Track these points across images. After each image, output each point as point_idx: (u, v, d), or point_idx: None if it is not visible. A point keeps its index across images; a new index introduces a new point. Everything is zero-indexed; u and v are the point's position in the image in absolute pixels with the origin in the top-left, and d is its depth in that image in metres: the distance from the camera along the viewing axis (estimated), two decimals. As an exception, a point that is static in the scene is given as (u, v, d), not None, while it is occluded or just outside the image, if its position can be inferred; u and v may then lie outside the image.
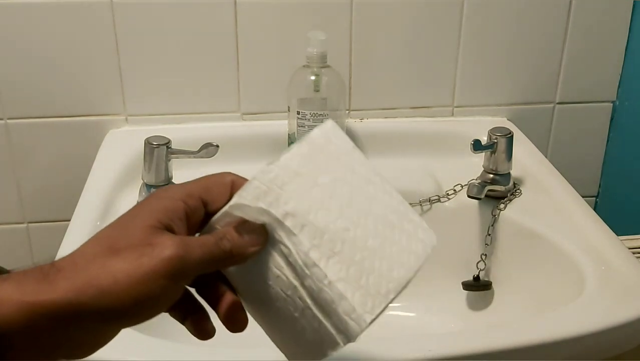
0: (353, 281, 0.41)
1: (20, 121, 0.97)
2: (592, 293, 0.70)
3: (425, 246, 0.46)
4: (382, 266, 0.42)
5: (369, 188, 0.45)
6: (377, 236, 0.43)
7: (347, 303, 0.40)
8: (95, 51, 0.95)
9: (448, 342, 0.65)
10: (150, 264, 0.37)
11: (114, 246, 0.38)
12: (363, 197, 0.44)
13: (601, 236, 0.79)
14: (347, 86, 1.01)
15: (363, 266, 0.42)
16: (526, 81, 1.05)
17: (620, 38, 1.04)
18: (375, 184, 0.46)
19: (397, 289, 0.43)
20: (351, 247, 0.41)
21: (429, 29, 0.99)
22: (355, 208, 0.43)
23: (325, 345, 0.42)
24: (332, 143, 0.45)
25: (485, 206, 0.88)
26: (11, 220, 1.03)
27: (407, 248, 0.45)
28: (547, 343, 0.64)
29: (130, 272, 0.37)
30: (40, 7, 0.92)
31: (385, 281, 0.42)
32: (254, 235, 0.41)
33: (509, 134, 0.88)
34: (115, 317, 0.37)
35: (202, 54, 0.97)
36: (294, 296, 0.41)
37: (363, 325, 0.41)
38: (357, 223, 0.42)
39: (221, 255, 0.40)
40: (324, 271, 0.40)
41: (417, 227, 0.47)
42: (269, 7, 0.95)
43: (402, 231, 0.45)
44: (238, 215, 0.41)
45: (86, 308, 0.36)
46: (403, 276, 0.44)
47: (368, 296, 0.41)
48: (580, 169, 1.11)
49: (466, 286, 0.87)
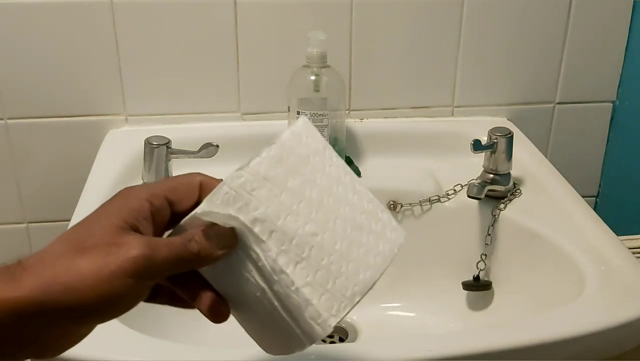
0: (319, 285, 0.42)
1: (20, 121, 0.97)
2: (592, 293, 0.70)
3: (393, 246, 0.47)
4: (348, 269, 0.43)
5: (338, 189, 0.46)
6: (344, 239, 0.44)
7: (313, 308, 0.42)
8: (95, 51, 0.95)
9: (448, 342, 0.65)
10: (117, 263, 0.37)
11: (80, 245, 0.38)
12: (332, 199, 0.45)
13: (601, 236, 0.79)
14: (347, 86, 1.00)
15: (330, 270, 0.43)
16: (526, 80, 1.05)
17: (620, 38, 1.04)
18: (345, 184, 0.47)
19: (363, 292, 0.44)
20: (319, 252, 0.42)
21: (429, 28, 0.99)
22: (323, 211, 0.44)
23: (293, 344, 0.43)
24: (302, 144, 0.45)
25: (485, 206, 0.88)
26: (11, 220, 1.03)
27: (374, 250, 0.46)
28: (547, 343, 0.64)
29: (96, 270, 0.37)
30: (40, 7, 0.92)
31: (351, 285, 0.43)
32: (222, 238, 0.41)
33: (509, 134, 0.88)
34: (81, 315, 0.38)
35: (202, 54, 0.97)
36: (263, 298, 0.42)
37: (328, 329, 0.42)
38: (325, 227, 0.43)
39: (189, 256, 0.40)
40: (291, 278, 0.41)
41: (385, 226, 0.47)
42: (269, 7, 0.95)
43: (370, 232, 0.46)
44: (207, 220, 0.41)
45: (52, 305, 0.36)
46: (369, 278, 0.45)
47: (334, 300, 0.42)
48: (580, 169, 1.11)
49: (466, 286, 0.87)
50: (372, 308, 0.89)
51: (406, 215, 0.91)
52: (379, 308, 0.90)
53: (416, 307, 0.90)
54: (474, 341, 0.64)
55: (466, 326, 0.86)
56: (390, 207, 0.91)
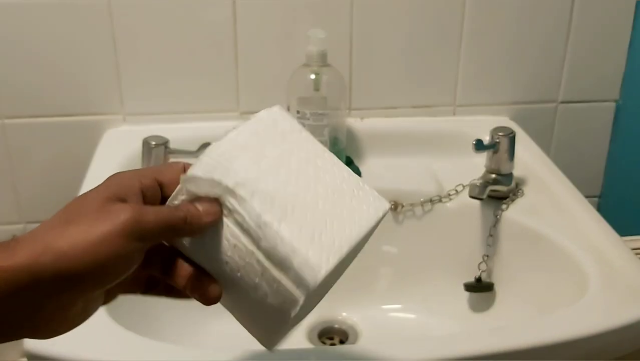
0: (306, 238, 0.42)
1: (17, 120, 0.96)
2: (595, 294, 0.70)
3: (377, 210, 0.48)
4: (333, 225, 0.44)
5: (317, 161, 0.47)
6: (327, 200, 0.45)
7: (300, 256, 0.42)
8: (93, 50, 0.95)
9: (449, 344, 0.65)
10: (106, 225, 0.38)
11: (71, 218, 0.39)
12: (312, 169, 0.46)
13: (604, 237, 0.79)
14: (348, 85, 1.00)
15: (315, 226, 0.43)
16: (528, 80, 1.04)
17: (623, 37, 1.03)
18: (325, 159, 0.48)
19: (351, 243, 0.44)
20: (302, 210, 0.43)
21: (430, 27, 0.99)
22: (304, 177, 0.45)
23: (287, 304, 0.43)
24: (279, 123, 0.47)
25: (487, 206, 0.87)
26: (8, 220, 1.03)
27: (358, 209, 0.47)
28: (550, 344, 0.64)
29: (88, 235, 0.38)
30: (37, 7, 0.91)
31: (337, 238, 0.44)
32: (207, 206, 0.42)
33: (511, 133, 0.87)
34: (75, 282, 0.38)
35: (201, 53, 0.96)
36: (252, 262, 0.42)
37: (319, 275, 0.42)
38: (307, 188, 0.45)
39: (176, 221, 0.41)
40: (275, 229, 0.42)
41: (368, 194, 0.49)
42: (269, 5, 0.95)
43: (352, 196, 0.47)
44: (192, 190, 0.42)
45: (46, 272, 0.37)
46: (356, 232, 0.45)
47: (322, 250, 0.42)
48: (583, 169, 1.10)
49: (468, 287, 0.87)
50: (372, 310, 0.89)
51: (407, 215, 0.91)
52: (380, 310, 0.90)
53: (417, 309, 0.89)
54: (475, 343, 0.64)
55: (468, 328, 0.86)
56: (391, 207, 0.90)
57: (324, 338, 0.87)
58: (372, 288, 0.91)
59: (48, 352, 0.61)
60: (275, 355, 0.62)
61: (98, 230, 0.38)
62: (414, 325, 0.88)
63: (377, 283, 0.91)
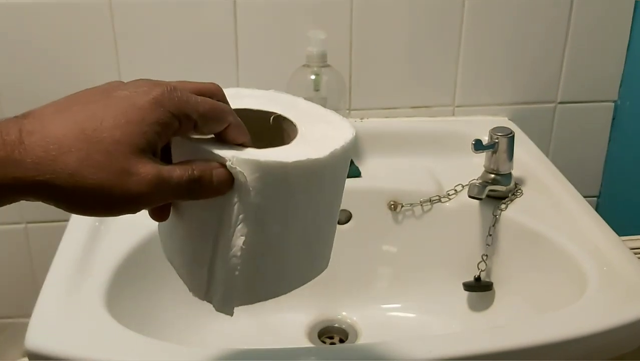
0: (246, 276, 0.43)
1: (18, 120, 0.96)
2: (593, 294, 0.70)
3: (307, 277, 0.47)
4: (277, 275, 0.45)
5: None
6: (297, 252, 0.45)
7: (227, 289, 0.43)
8: (94, 50, 0.95)
9: (449, 343, 0.65)
10: (123, 192, 0.38)
11: (93, 141, 0.37)
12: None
13: (603, 237, 0.79)
14: (347, 86, 1.00)
15: (265, 272, 0.43)
16: (527, 80, 1.04)
17: (621, 37, 1.03)
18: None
19: (262, 300, 0.45)
20: (270, 252, 0.43)
21: (430, 27, 0.99)
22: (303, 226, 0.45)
23: (195, 287, 0.44)
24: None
25: (487, 206, 0.87)
26: (9, 220, 1.03)
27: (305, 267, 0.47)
28: (548, 344, 0.64)
29: (107, 190, 0.37)
30: (38, 7, 0.91)
31: (265, 291, 0.44)
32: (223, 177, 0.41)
33: (510, 133, 0.88)
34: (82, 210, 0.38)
35: (202, 53, 0.97)
36: (208, 234, 0.42)
37: (222, 310, 0.43)
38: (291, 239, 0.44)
39: (191, 186, 0.40)
40: (234, 264, 0.42)
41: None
42: (269, 6, 0.95)
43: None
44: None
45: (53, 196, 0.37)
46: (281, 291, 0.45)
47: (245, 295, 0.43)
48: (581, 169, 1.10)
49: (467, 286, 0.87)
50: (372, 309, 0.89)
51: (406, 215, 0.91)
52: (379, 309, 0.90)
53: (416, 308, 0.90)
54: (474, 343, 0.64)
55: (467, 327, 0.86)
56: (391, 207, 0.91)
57: (323, 338, 0.87)
58: (371, 288, 0.91)
59: (48, 351, 0.61)
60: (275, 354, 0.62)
61: (116, 193, 0.37)
62: (414, 324, 0.88)
63: (376, 282, 0.91)
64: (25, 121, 0.38)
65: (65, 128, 0.37)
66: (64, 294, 0.69)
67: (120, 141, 0.37)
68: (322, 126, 0.47)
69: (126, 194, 0.38)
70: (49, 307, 0.67)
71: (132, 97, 0.39)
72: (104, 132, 0.37)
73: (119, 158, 0.37)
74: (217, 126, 0.42)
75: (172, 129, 0.40)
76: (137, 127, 0.38)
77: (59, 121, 0.38)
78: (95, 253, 0.75)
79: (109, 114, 0.38)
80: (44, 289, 0.69)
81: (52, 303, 0.67)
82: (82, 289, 0.70)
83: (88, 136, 0.37)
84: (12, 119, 0.38)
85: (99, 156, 0.37)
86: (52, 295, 0.68)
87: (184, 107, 0.40)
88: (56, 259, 0.74)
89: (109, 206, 0.38)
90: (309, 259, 0.46)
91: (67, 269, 0.72)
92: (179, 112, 0.40)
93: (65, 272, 0.72)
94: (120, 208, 0.38)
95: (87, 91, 0.41)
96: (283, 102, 0.50)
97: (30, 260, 1.05)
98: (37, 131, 0.37)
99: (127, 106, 0.39)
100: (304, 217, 0.44)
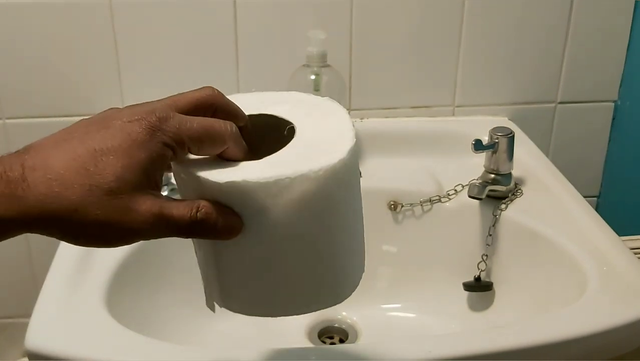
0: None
1: (18, 120, 0.97)
2: (593, 294, 0.70)
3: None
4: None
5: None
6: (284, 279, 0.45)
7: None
8: (94, 51, 0.95)
9: (449, 343, 0.65)
10: (124, 226, 0.39)
11: (94, 185, 0.38)
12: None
13: (603, 237, 0.79)
14: (347, 86, 1.00)
15: (249, 289, 0.44)
16: (527, 80, 1.04)
17: (621, 37, 1.03)
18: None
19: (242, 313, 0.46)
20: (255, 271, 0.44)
21: (430, 27, 0.99)
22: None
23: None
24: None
25: (486, 206, 0.87)
26: (10, 220, 1.03)
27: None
28: (548, 344, 0.64)
29: (105, 220, 0.38)
30: (38, 7, 0.91)
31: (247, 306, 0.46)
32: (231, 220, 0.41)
33: (510, 133, 0.88)
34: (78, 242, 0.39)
35: (202, 54, 0.97)
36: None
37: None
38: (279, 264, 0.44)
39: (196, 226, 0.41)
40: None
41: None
42: (269, 6, 0.95)
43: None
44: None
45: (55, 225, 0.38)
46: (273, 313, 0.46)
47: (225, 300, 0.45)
48: (581, 169, 1.10)
49: (467, 286, 0.87)
50: (372, 309, 0.89)
51: (406, 215, 0.91)
52: (379, 309, 0.90)
53: (416, 308, 0.90)
54: (474, 342, 0.64)
55: (467, 327, 0.86)
56: (391, 207, 0.91)
57: (323, 338, 0.87)
58: (371, 288, 0.91)
59: (48, 351, 0.61)
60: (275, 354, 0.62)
61: (115, 225, 0.38)
62: (414, 324, 0.88)
63: (376, 282, 0.91)
64: (26, 156, 0.39)
65: (66, 163, 0.38)
66: (64, 294, 0.69)
67: (120, 177, 0.38)
68: (325, 135, 0.45)
69: (126, 231, 0.39)
70: (49, 307, 0.67)
71: (126, 128, 0.39)
72: (105, 169, 0.38)
73: (120, 195, 0.38)
74: (212, 148, 0.42)
75: (167, 159, 0.41)
76: (135, 161, 0.39)
77: (60, 155, 0.39)
78: (95, 253, 0.75)
79: (107, 148, 0.38)
80: (44, 289, 0.69)
81: (52, 303, 0.67)
82: (82, 289, 0.70)
83: (89, 172, 0.38)
84: (14, 155, 0.39)
85: (100, 192, 0.38)
86: (52, 295, 0.69)
87: (176, 135, 0.40)
88: (56, 259, 0.74)
89: (109, 240, 0.39)
90: (310, 286, 0.46)
91: (67, 269, 0.72)
92: (171, 142, 0.40)
93: (65, 272, 0.72)
94: (119, 242, 0.40)
95: (84, 122, 0.41)
96: (307, 104, 0.49)
97: (30, 260, 1.05)
98: (39, 166, 0.38)
99: (123, 139, 0.39)
100: (294, 237, 0.43)
